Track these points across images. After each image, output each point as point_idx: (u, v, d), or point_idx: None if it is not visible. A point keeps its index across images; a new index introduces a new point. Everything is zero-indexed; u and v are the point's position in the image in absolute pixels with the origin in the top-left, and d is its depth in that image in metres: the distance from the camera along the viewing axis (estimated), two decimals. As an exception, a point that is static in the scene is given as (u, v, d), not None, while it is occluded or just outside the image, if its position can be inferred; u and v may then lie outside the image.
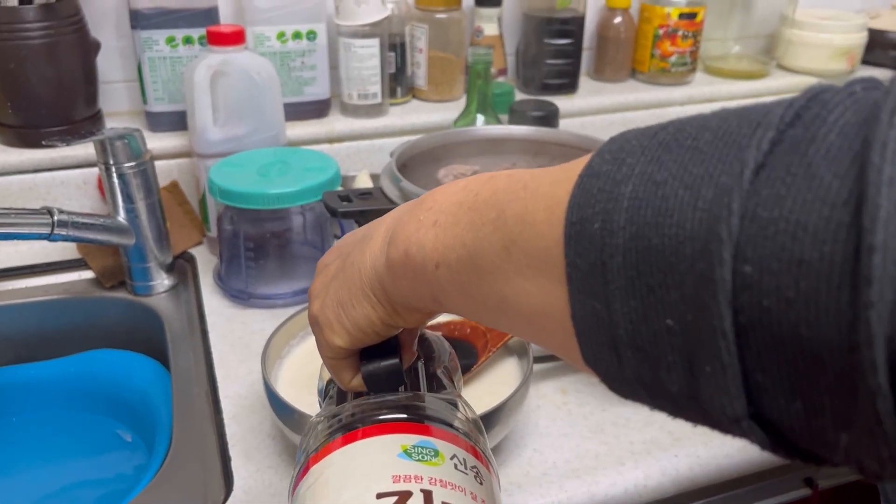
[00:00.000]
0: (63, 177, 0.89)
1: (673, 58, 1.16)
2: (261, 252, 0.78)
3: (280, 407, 0.54)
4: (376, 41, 0.96)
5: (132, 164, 0.75)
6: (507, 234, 0.27)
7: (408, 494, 0.30)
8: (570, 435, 0.60)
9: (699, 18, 1.15)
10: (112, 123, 0.96)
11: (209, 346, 0.71)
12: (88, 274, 0.85)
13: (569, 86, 1.13)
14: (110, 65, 0.97)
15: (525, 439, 0.59)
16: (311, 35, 0.95)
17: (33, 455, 0.78)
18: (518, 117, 0.87)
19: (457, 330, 0.62)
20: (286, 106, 0.89)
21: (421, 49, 1.05)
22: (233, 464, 0.58)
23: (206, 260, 0.86)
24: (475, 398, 0.44)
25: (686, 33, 1.14)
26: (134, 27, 0.88)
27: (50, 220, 0.69)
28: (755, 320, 0.19)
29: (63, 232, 0.70)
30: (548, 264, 0.25)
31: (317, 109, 0.99)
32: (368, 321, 0.35)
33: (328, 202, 0.68)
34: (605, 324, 0.23)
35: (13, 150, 0.88)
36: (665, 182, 0.21)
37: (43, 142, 0.82)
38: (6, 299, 0.82)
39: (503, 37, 1.11)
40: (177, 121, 0.92)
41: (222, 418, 0.62)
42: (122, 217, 0.76)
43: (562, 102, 1.01)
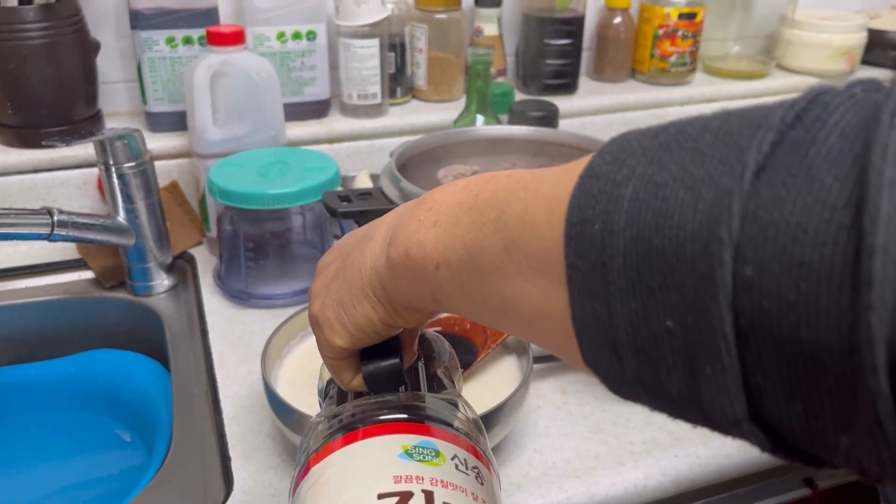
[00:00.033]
0: (63, 177, 0.89)
1: (672, 58, 1.16)
2: (260, 252, 0.78)
3: (280, 407, 0.54)
4: (376, 41, 0.96)
5: (132, 165, 0.75)
6: (508, 235, 0.27)
7: (409, 495, 0.30)
8: (570, 435, 0.60)
9: (699, 19, 1.15)
10: (112, 124, 0.96)
11: (209, 347, 0.71)
12: (88, 274, 0.85)
13: (568, 86, 1.13)
14: (110, 65, 0.97)
15: (525, 439, 0.59)
16: (311, 35, 0.95)
17: (33, 455, 0.78)
18: (518, 117, 0.87)
19: (457, 325, 0.61)
20: (286, 106, 0.89)
21: (421, 49, 1.05)
22: (232, 464, 0.58)
23: (206, 260, 0.86)
24: (475, 398, 0.44)
25: (686, 33, 1.14)
26: (134, 27, 0.88)
27: (50, 221, 0.69)
28: (755, 322, 0.19)
29: (63, 232, 0.70)
30: (548, 265, 0.25)
31: (316, 110, 0.99)
32: (369, 321, 0.35)
33: (328, 202, 0.68)
34: (606, 325, 0.23)
35: (13, 151, 0.88)
36: (665, 183, 0.21)
37: (43, 142, 0.82)
38: (6, 299, 0.82)
39: (503, 37, 1.11)
40: (176, 121, 0.92)
41: (222, 418, 0.62)
42: (122, 217, 0.76)
43: (561, 102, 1.01)
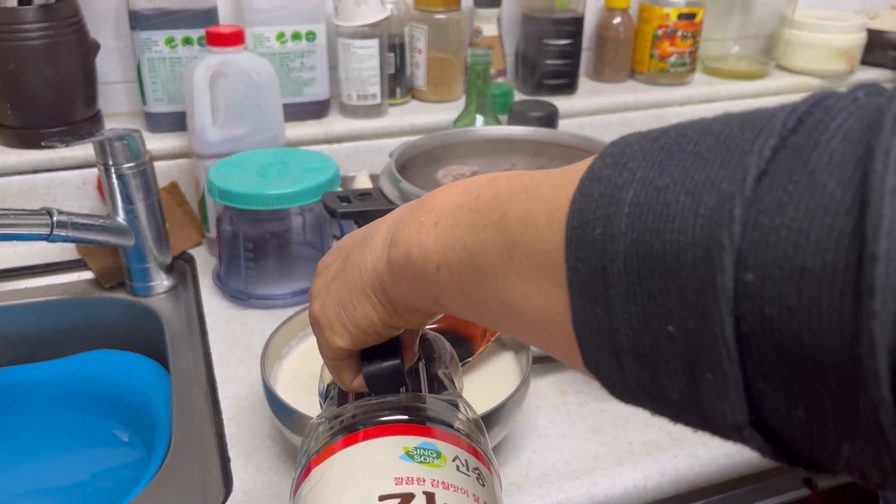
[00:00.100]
0: (62, 177, 0.89)
1: (672, 58, 1.16)
2: (260, 253, 0.78)
3: (279, 408, 0.54)
4: (375, 42, 0.96)
5: (131, 165, 0.75)
6: (509, 237, 0.27)
7: (410, 496, 0.30)
8: (570, 435, 0.60)
9: (698, 19, 1.15)
10: (111, 124, 0.96)
11: (208, 347, 0.71)
12: (88, 274, 0.84)
13: (568, 86, 1.12)
14: (109, 65, 0.96)
15: (524, 440, 0.59)
16: (311, 36, 0.95)
17: (33, 455, 0.78)
18: (517, 118, 0.87)
19: (455, 320, 0.61)
20: (285, 106, 0.88)
21: (420, 49, 1.05)
22: (232, 465, 0.58)
23: (206, 260, 0.86)
24: (474, 397, 0.44)
25: (685, 34, 1.14)
26: (133, 28, 0.88)
27: (49, 221, 0.69)
28: (757, 328, 0.19)
29: (62, 233, 0.70)
30: (549, 268, 0.25)
31: (316, 110, 0.99)
32: (369, 321, 0.35)
33: (327, 203, 0.68)
34: (607, 329, 0.23)
35: (12, 151, 0.88)
36: (667, 188, 0.21)
37: (42, 142, 0.82)
38: (6, 300, 0.82)
39: (502, 37, 1.11)
40: (176, 121, 0.92)
41: (221, 419, 0.62)
42: (122, 218, 0.76)
43: (561, 103, 1.01)
